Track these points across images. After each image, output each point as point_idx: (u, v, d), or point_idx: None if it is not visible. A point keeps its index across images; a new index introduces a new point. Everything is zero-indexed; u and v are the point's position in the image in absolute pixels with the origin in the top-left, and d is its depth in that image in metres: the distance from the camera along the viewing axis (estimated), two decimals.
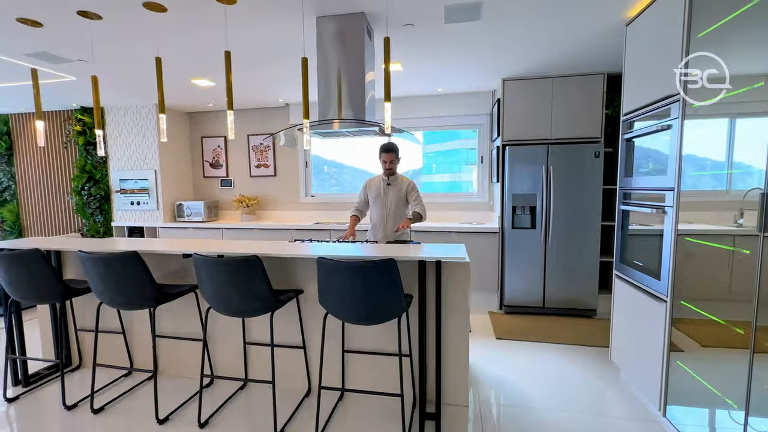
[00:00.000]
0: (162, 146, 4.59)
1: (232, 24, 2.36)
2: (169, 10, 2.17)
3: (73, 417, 2.09)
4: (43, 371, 2.58)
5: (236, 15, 2.24)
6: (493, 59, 3.14)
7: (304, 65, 1.95)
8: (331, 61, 2.27)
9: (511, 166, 3.53)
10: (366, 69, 2.34)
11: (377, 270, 1.63)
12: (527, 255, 3.57)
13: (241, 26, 2.40)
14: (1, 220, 5.10)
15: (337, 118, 2.29)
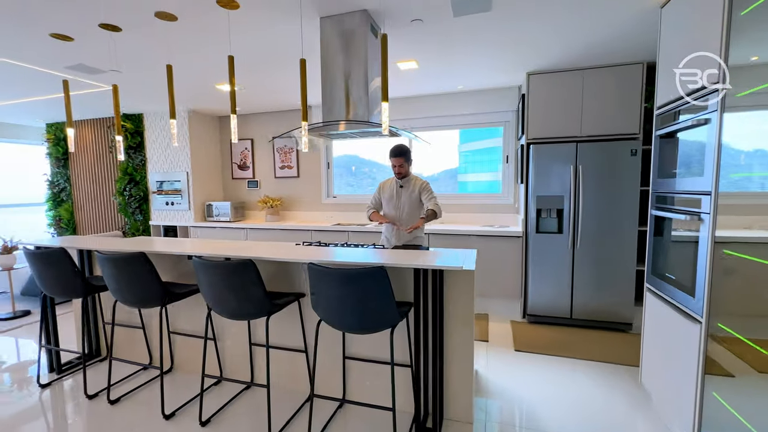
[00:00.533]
0: (193, 149, 4.82)
1: (243, 30, 2.39)
2: (179, 19, 2.24)
3: (92, 406, 2.22)
4: (75, 360, 2.78)
5: (244, 20, 2.27)
6: (514, 53, 2.94)
7: (302, 67, 1.92)
8: (333, 62, 2.22)
9: (536, 166, 3.30)
10: (370, 68, 2.27)
11: (366, 278, 1.56)
12: (553, 261, 3.32)
13: (256, 31, 2.43)
14: (58, 219, 5.63)
15: (335, 120, 2.24)
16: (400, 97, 4.28)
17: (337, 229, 4.16)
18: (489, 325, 3.38)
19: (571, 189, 3.21)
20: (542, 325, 3.35)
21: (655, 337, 2.11)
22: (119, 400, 2.27)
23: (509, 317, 3.56)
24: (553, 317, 3.36)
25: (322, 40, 2.23)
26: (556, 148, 3.24)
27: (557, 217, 3.32)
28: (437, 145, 4.49)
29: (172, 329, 2.60)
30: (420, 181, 2.89)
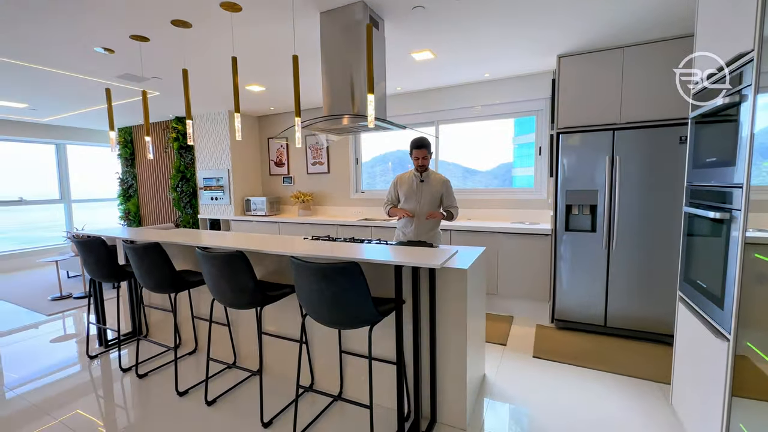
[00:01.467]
0: (234, 147, 5.16)
1: (256, 30, 2.49)
2: (193, 26, 2.39)
3: (124, 377, 2.50)
4: (123, 336, 3.14)
5: (253, 20, 2.36)
6: (541, 33, 2.70)
7: (294, 63, 1.94)
8: (333, 57, 2.22)
9: (566, 158, 3.01)
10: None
11: (339, 273, 1.54)
12: (585, 262, 3.02)
13: (266, 31, 2.52)
14: (127, 212, 6.39)
15: (329, 116, 2.23)
16: (422, 89, 4.17)
17: (362, 224, 4.19)
18: (511, 329, 3.18)
19: (606, 183, 2.88)
20: (571, 332, 3.07)
21: (685, 353, 1.82)
22: (147, 375, 2.52)
23: (536, 321, 3.32)
24: (585, 324, 3.06)
25: (322, 36, 2.24)
26: (590, 137, 2.93)
27: (590, 213, 3.01)
28: (490, 137, 4.15)
29: (195, 314, 2.81)
30: (441, 178, 2.81)
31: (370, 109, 1.75)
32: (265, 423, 1.96)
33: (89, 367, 2.69)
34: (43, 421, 2.04)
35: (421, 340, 1.92)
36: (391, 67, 3.33)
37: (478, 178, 4.23)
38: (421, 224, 2.78)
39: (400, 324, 1.70)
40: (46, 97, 4.27)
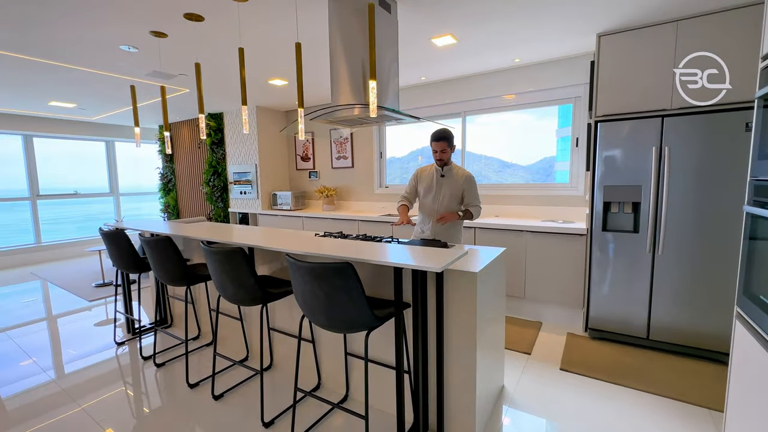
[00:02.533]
0: (261, 143, 5.23)
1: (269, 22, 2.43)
2: (206, 19, 2.38)
3: (144, 365, 2.58)
4: (150, 325, 3.28)
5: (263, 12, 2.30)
6: (577, 10, 2.42)
7: (297, 52, 1.85)
8: (339, 43, 2.10)
9: (605, 149, 2.70)
10: (382, 47, 2.08)
11: (331, 274, 1.44)
12: (626, 267, 2.69)
13: (276, 22, 2.46)
14: (166, 205, 6.73)
15: (330, 106, 2.12)
16: (447, 78, 3.95)
17: (384, 220, 4.07)
18: (538, 336, 2.93)
19: (651, 177, 2.54)
20: (607, 343, 2.77)
21: (743, 378, 1.53)
22: (164, 364, 2.59)
23: (567, 329, 3.04)
24: (624, 335, 2.74)
25: (330, 22, 2.12)
26: (634, 125, 2.59)
27: (633, 212, 2.68)
28: (532, 129, 3.79)
29: (213, 308, 2.85)
30: (464, 173, 2.62)
31: (371, 97, 1.62)
32: (266, 423, 1.92)
33: (116, 353, 2.81)
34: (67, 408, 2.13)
35: (428, 346, 1.78)
36: (412, 54, 3.16)
37: (519, 172, 3.88)
38: (438, 222, 2.61)
39: (399, 329, 1.56)
40: (90, 97, 4.55)
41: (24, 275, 5.21)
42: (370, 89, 1.60)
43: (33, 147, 6.04)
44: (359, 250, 1.73)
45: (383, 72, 2.09)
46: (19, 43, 2.75)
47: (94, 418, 1.99)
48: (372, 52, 1.60)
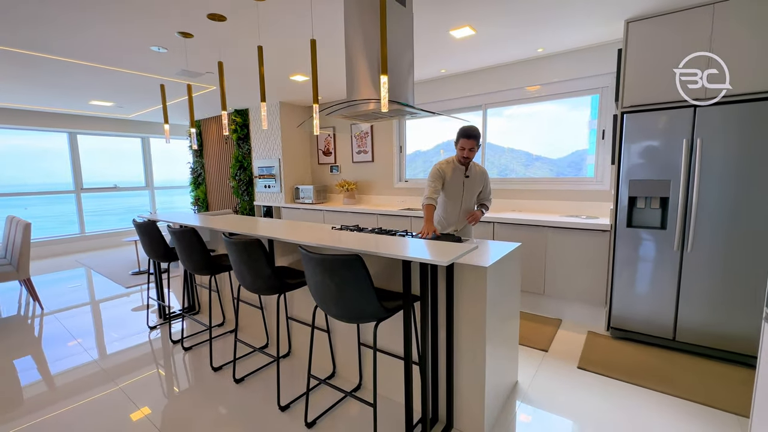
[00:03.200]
0: (284, 138, 5.36)
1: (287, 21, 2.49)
2: (228, 19, 2.46)
3: (173, 349, 2.75)
4: (180, 311, 3.48)
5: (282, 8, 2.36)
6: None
7: (312, 48, 1.89)
8: (354, 38, 2.11)
9: (631, 142, 2.58)
10: (397, 41, 2.08)
11: (341, 266, 1.48)
12: (652, 264, 2.58)
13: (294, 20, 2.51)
14: (196, 198, 7.05)
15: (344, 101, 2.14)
16: (468, 70, 3.88)
17: (403, 214, 4.08)
18: (557, 333, 2.87)
19: (681, 171, 2.41)
20: (630, 343, 2.68)
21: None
22: (191, 348, 2.75)
23: (589, 327, 2.96)
24: (648, 335, 2.64)
25: (346, 17, 2.14)
26: (663, 116, 2.46)
27: (660, 207, 2.56)
28: (563, 121, 3.60)
29: (235, 296, 2.99)
30: (481, 169, 2.64)
31: (383, 92, 1.64)
32: (282, 406, 2.01)
33: (149, 336, 3.00)
34: (106, 386, 2.32)
35: (438, 339, 1.80)
36: (430, 47, 3.13)
37: (549, 166, 3.77)
38: (462, 219, 2.64)
39: (408, 321, 1.59)
40: (127, 96, 4.82)
41: (70, 263, 5.63)
42: (382, 84, 1.61)
43: (77, 143, 6.47)
44: (369, 243, 1.76)
45: (398, 66, 2.09)
46: (61, 48, 2.96)
47: (129, 397, 2.15)
48: (383, 47, 1.61)
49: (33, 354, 2.74)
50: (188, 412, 2.01)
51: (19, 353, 2.74)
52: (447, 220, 2.66)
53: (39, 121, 5.87)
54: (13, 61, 3.26)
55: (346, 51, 2.11)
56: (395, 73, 2.06)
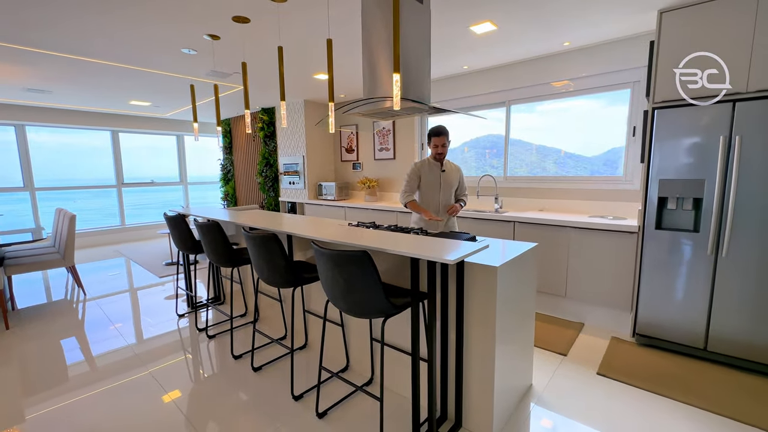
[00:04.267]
0: (308, 135, 5.47)
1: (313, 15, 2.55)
2: (251, 21, 2.55)
3: (199, 336, 2.90)
4: (207, 301, 3.66)
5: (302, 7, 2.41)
6: None
7: (328, 48, 1.93)
8: (371, 36, 2.13)
9: (663, 139, 2.45)
10: (415, 38, 2.08)
11: (349, 261, 1.51)
12: (682, 269, 2.45)
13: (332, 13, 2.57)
14: (226, 194, 7.34)
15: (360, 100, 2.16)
16: (491, 66, 3.80)
17: None
18: (578, 337, 2.78)
19: (717, 171, 2.26)
20: (656, 351, 2.55)
21: None
22: (215, 336, 2.89)
23: (612, 332, 2.84)
24: (677, 343, 2.50)
25: (363, 15, 2.16)
26: (698, 112, 2.32)
27: (694, 209, 2.41)
28: (598, 117, 3.41)
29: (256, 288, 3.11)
30: (455, 166, 2.85)
31: (395, 89, 1.65)
32: (295, 396, 2.08)
33: (177, 324, 3.18)
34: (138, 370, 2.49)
35: (448, 337, 1.80)
36: (450, 43, 3.10)
37: (583, 164, 3.61)
38: (442, 212, 2.80)
39: (416, 318, 1.60)
40: (162, 96, 5.09)
41: (111, 252, 6.04)
42: (394, 82, 1.62)
43: (119, 141, 6.90)
44: (380, 240, 1.79)
45: (414, 64, 2.09)
46: (102, 52, 3.17)
47: (157, 380, 2.30)
48: (396, 45, 1.62)
49: (77, 336, 2.97)
50: (209, 398, 2.12)
51: (65, 334, 2.99)
52: (423, 220, 2.82)
53: (86, 120, 6.31)
54: (56, 64, 3.53)
55: (363, 49, 2.13)
56: (411, 71, 2.06)
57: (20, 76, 3.96)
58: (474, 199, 4.14)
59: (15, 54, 3.20)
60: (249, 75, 4.00)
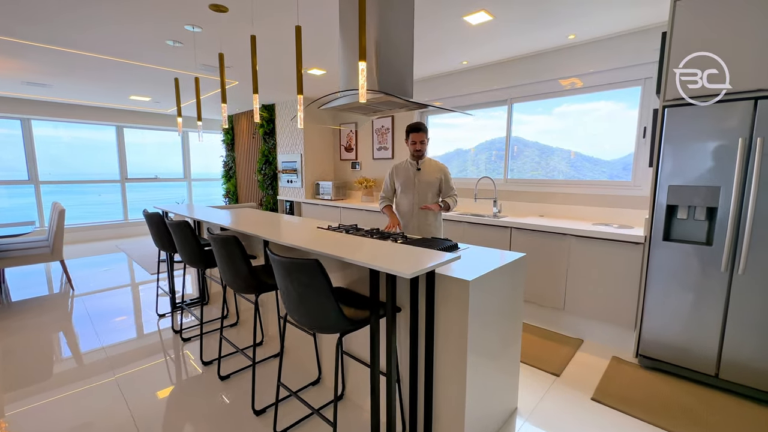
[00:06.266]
0: (306, 133, 5.35)
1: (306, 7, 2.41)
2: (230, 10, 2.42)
3: (175, 339, 2.79)
4: (188, 301, 3.55)
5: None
6: None
7: (297, 35, 1.77)
8: (344, 24, 1.96)
9: (673, 140, 2.20)
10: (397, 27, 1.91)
11: (298, 270, 1.35)
12: (693, 285, 2.19)
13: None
14: (227, 191, 7.29)
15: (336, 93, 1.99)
16: (493, 62, 3.59)
17: None
18: (575, 355, 2.55)
19: (735, 177, 2.01)
20: (661, 375, 2.31)
21: None
22: (189, 339, 2.78)
23: (613, 351, 2.60)
24: (685, 368, 2.25)
25: (340, 3, 2.00)
26: (714, 111, 2.07)
27: (707, 219, 2.16)
28: (618, 118, 3.12)
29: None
30: (438, 165, 2.61)
31: (361, 80, 1.47)
32: (257, 411, 1.93)
33: (157, 324, 3.08)
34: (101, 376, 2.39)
35: (418, 355, 1.62)
36: (445, 35, 2.91)
37: (600, 167, 3.31)
38: (421, 217, 2.59)
39: (374, 334, 1.43)
40: (160, 91, 5.04)
41: (111, 247, 6.04)
42: (360, 71, 1.45)
43: (123, 136, 6.93)
44: (337, 247, 1.62)
45: (393, 53, 1.92)
46: (88, 44, 3.10)
47: (120, 387, 2.19)
48: (362, 30, 1.45)
49: (53, 334, 2.89)
50: (168, 409, 1.99)
51: (42, 332, 2.92)
52: (400, 214, 2.66)
53: (91, 115, 6.34)
54: (47, 57, 3.49)
55: (340, 36, 1.97)
56: (389, 61, 1.89)
57: (15, 69, 3.95)
58: (471, 203, 3.93)
59: (6, 46, 3.16)
60: (241, 69, 3.90)
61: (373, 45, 1.88)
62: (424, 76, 4.18)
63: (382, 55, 1.89)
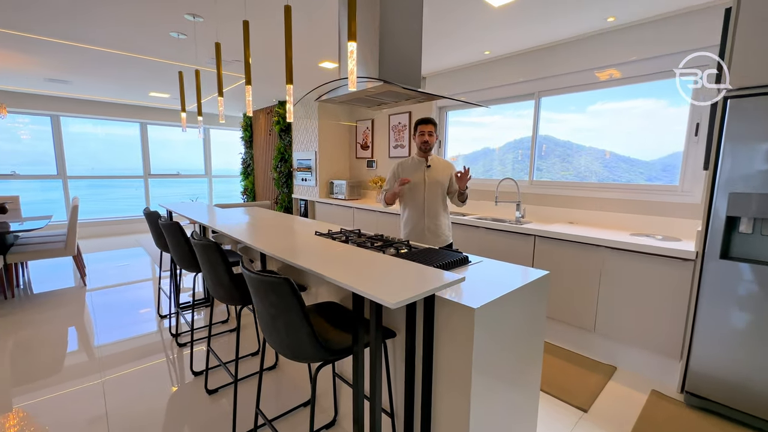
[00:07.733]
0: (321, 130, 5.17)
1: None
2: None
3: (170, 342, 2.68)
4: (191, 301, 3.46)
5: None
6: None
7: (286, 15, 1.56)
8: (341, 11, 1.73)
9: (736, 138, 1.83)
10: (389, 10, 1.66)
11: (269, 290, 1.14)
12: (756, 313, 1.82)
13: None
14: (245, 188, 7.27)
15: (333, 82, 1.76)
16: (520, 51, 3.24)
17: None
18: (607, 386, 2.22)
19: None
20: (712, 416, 1.94)
21: None
22: (185, 344, 2.66)
23: (654, 384, 2.24)
24: (741, 412, 1.88)
25: None
26: None
27: None
28: (659, 115, 2.73)
29: None
30: (447, 162, 2.46)
31: (350, 64, 1.24)
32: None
33: (158, 325, 3.00)
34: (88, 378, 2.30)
35: (415, 389, 1.38)
36: (464, 21, 2.62)
37: (638, 168, 2.93)
38: (430, 219, 2.37)
39: (357, 366, 1.20)
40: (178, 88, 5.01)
41: (131, 242, 6.14)
42: (348, 53, 1.22)
43: (147, 132, 7.05)
44: (322, 259, 1.39)
45: (396, 37, 1.67)
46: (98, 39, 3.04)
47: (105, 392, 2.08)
48: (352, 9, 1.22)
49: (57, 331, 2.86)
50: (147, 423, 1.85)
51: (45, 327, 2.90)
52: (411, 217, 2.42)
53: (116, 112, 6.47)
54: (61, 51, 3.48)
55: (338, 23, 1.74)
56: (392, 47, 1.64)
57: (33, 65, 3.99)
58: (491, 206, 3.61)
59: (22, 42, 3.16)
60: (257, 68, 3.76)
61: (375, 29, 1.64)
62: (442, 68, 3.89)
63: (385, 41, 1.65)
